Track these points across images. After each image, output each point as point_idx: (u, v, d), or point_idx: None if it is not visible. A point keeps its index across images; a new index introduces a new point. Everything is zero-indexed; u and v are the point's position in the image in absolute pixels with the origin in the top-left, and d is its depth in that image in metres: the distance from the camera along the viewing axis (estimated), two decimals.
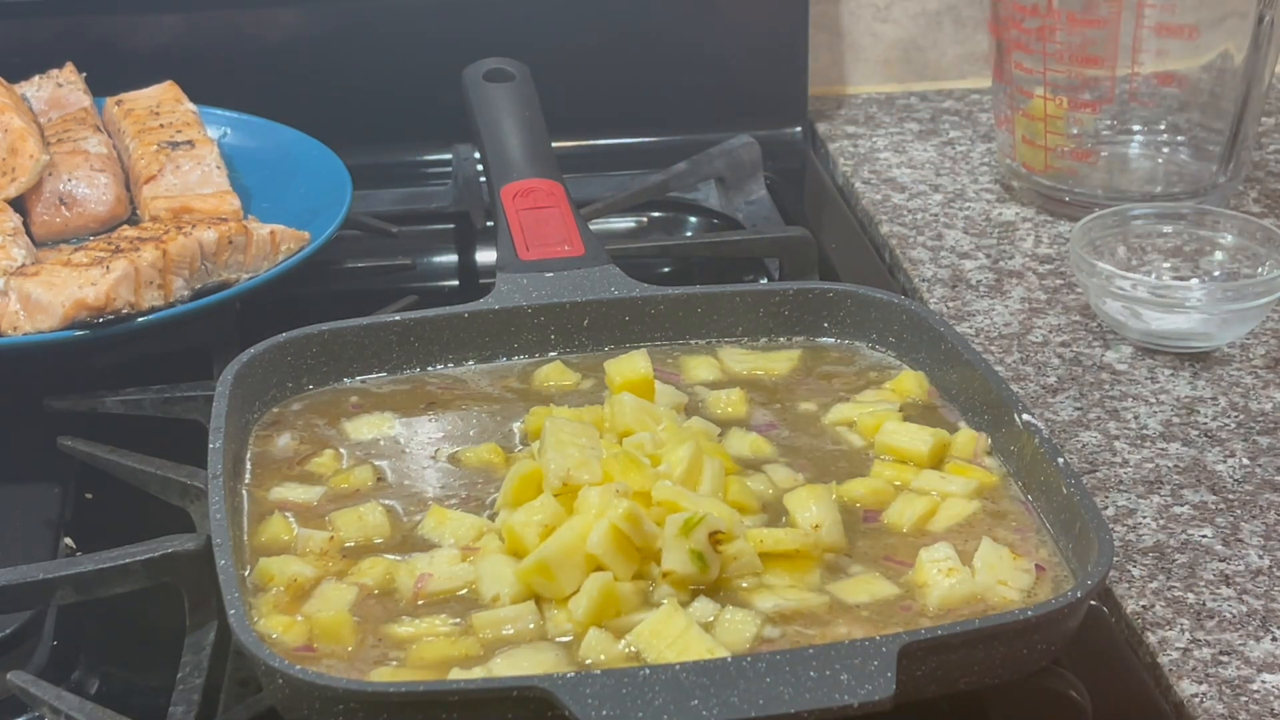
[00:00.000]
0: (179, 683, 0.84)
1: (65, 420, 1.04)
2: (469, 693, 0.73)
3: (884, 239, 1.34)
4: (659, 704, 0.71)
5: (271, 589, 0.83)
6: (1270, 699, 0.84)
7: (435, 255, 1.34)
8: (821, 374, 1.02)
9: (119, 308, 1.05)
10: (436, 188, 1.42)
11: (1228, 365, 1.14)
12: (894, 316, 1.03)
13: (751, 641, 0.79)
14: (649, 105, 1.50)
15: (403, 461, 0.94)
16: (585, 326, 1.03)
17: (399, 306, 1.08)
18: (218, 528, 0.82)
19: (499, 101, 1.22)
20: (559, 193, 1.13)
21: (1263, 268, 1.16)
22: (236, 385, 0.94)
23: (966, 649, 0.77)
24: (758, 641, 0.79)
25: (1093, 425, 1.08)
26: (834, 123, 1.56)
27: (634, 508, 0.81)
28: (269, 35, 1.44)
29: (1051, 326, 1.19)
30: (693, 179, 1.39)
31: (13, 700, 0.83)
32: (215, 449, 0.88)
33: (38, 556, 0.91)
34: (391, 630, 0.81)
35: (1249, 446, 1.05)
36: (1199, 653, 0.87)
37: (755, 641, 0.79)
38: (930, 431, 0.93)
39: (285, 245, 1.14)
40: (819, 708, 0.71)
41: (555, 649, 0.79)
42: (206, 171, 1.23)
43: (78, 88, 1.33)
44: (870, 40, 1.61)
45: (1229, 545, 0.96)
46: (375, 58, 1.45)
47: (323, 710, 0.74)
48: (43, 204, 1.21)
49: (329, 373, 1.01)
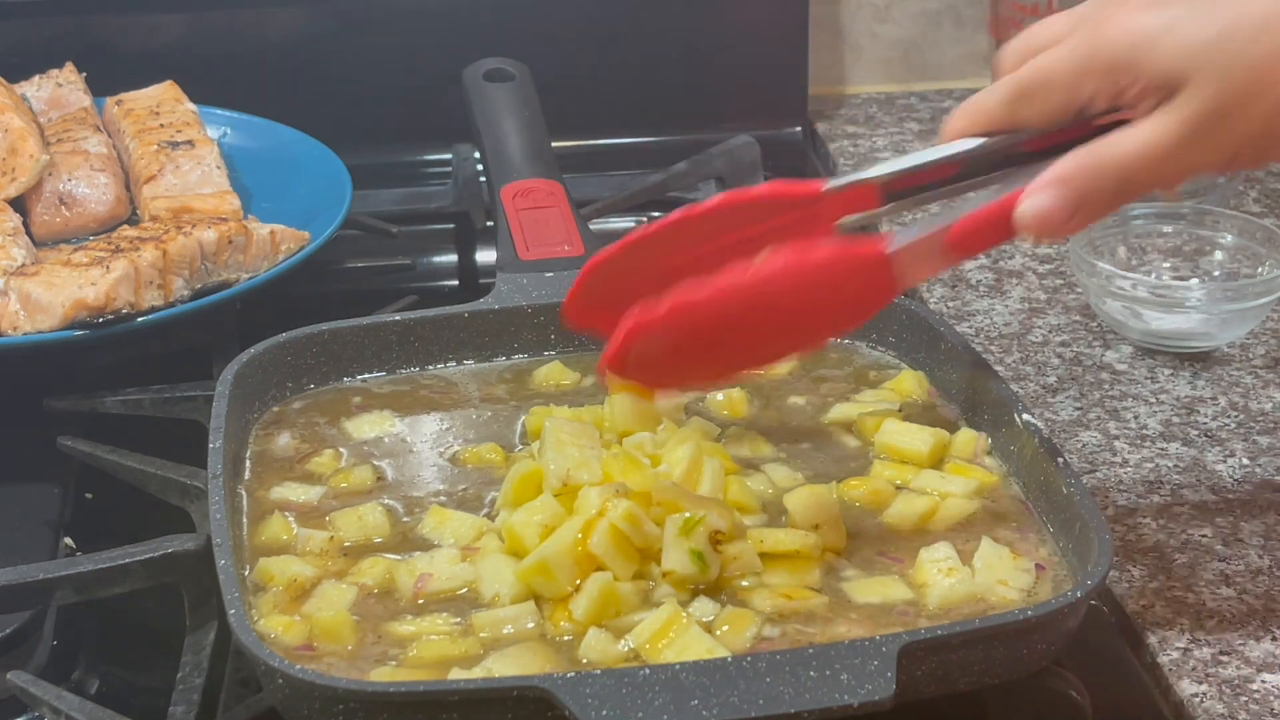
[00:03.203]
0: (179, 683, 0.84)
1: (65, 420, 1.04)
2: (469, 693, 0.73)
3: None
4: (659, 704, 0.71)
5: (271, 589, 0.83)
6: (1270, 699, 0.84)
7: (435, 255, 1.34)
8: (820, 374, 1.02)
9: (119, 308, 1.05)
10: (436, 188, 1.42)
11: (1228, 365, 1.14)
12: (894, 316, 1.03)
13: (751, 641, 0.79)
14: (649, 105, 1.50)
15: (403, 461, 0.94)
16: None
17: (399, 306, 1.08)
18: (218, 528, 0.82)
19: (499, 101, 1.22)
20: (559, 193, 1.13)
21: (1263, 268, 1.16)
22: (236, 385, 0.94)
23: (966, 649, 0.77)
24: (757, 641, 0.79)
25: (1093, 425, 1.08)
26: (834, 123, 1.56)
27: (633, 508, 0.81)
28: (269, 35, 1.45)
29: (1051, 326, 1.19)
30: (693, 179, 1.39)
31: (13, 700, 0.83)
32: (215, 449, 0.88)
33: (38, 556, 0.91)
34: (392, 629, 0.81)
35: (1249, 446, 1.05)
36: (1199, 653, 0.87)
37: (755, 641, 0.79)
38: (930, 431, 0.93)
39: (285, 245, 1.14)
40: (819, 708, 0.71)
41: (555, 648, 0.79)
42: (206, 171, 1.23)
43: (78, 88, 1.33)
44: (870, 40, 1.61)
45: (1229, 545, 0.96)
46: (375, 58, 1.44)
47: (323, 710, 0.74)
48: (43, 204, 1.21)
49: (329, 373, 1.01)
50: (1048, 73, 0.80)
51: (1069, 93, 0.79)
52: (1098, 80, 0.78)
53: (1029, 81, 0.80)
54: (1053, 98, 0.80)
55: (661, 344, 0.81)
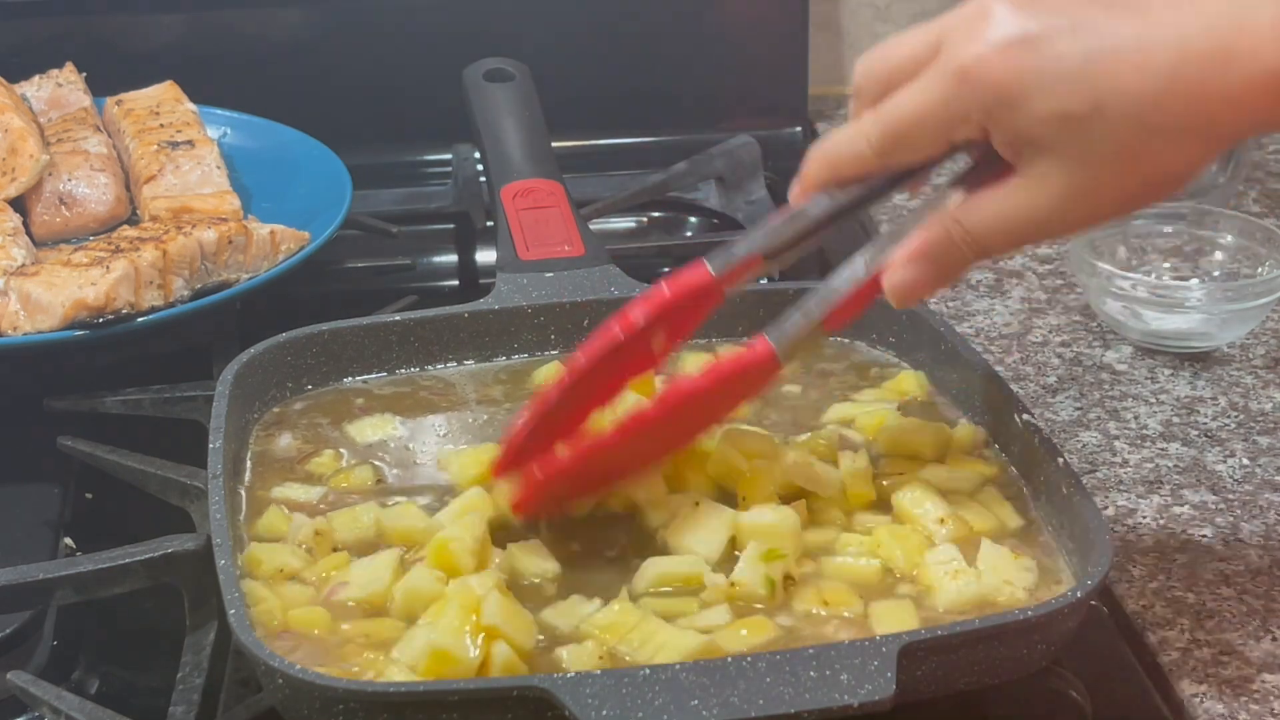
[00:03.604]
0: (179, 683, 0.84)
1: (65, 420, 1.04)
2: (469, 693, 0.73)
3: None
4: (659, 704, 0.71)
5: (259, 577, 0.84)
6: (1270, 699, 0.84)
7: (435, 255, 1.34)
8: (820, 371, 1.02)
9: (119, 308, 1.05)
10: (436, 188, 1.42)
11: (1228, 365, 1.14)
12: (894, 316, 1.02)
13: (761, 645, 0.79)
14: (649, 105, 1.50)
15: (402, 461, 0.94)
16: (585, 326, 1.03)
17: (399, 306, 1.08)
18: (218, 528, 0.82)
19: (499, 101, 1.22)
20: (559, 193, 1.13)
21: (1263, 268, 1.16)
22: (236, 385, 0.94)
23: (966, 649, 0.77)
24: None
25: (1093, 425, 1.08)
26: (834, 123, 1.56)
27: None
28: (269, 35, 1.44)
29: (1051, 326, 1.19)
30: (693, 179, 1.39)
31: (13, 700, 0.83)
32: (215, 449, 0.88)
33: (38, 556, 0.91)
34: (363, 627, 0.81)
35: (1249, 446, 1.05)
36: (1199, 653, 0.87)
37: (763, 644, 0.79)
38: (932, 427, 0.93)
39: (285, 245, 1.14)
40: (819, 708, 0.71)
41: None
42: (206, 171, 1.23)
43: (78, 88, 1.33)
44: (870, 40, 1.61)
45: (1229, 545, 0.96)
46: (375, 58, 1.44)
47: (323, 710, 0.74)
48: (43, 204, 1.21)
49: (329, 373, 1.01)
50: (918, 118, 0.77)
51: (940, 139, 0.77)
52: (970, 129, 0.76)
53: (899, 128, 0.78)
54: (924, 143, 0.78)
55: (567, 483, 0.86)
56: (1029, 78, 0.73)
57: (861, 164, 0.81)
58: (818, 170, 0.83)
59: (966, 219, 0.78)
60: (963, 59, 0.75)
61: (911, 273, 0.81)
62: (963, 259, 0.79)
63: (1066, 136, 0.74)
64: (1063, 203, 0.75)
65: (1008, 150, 0.76)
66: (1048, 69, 0.73)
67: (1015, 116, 0.74)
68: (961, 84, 0.75)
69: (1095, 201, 0.76)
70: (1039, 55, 0.73)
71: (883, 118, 0.79)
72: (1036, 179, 0.75)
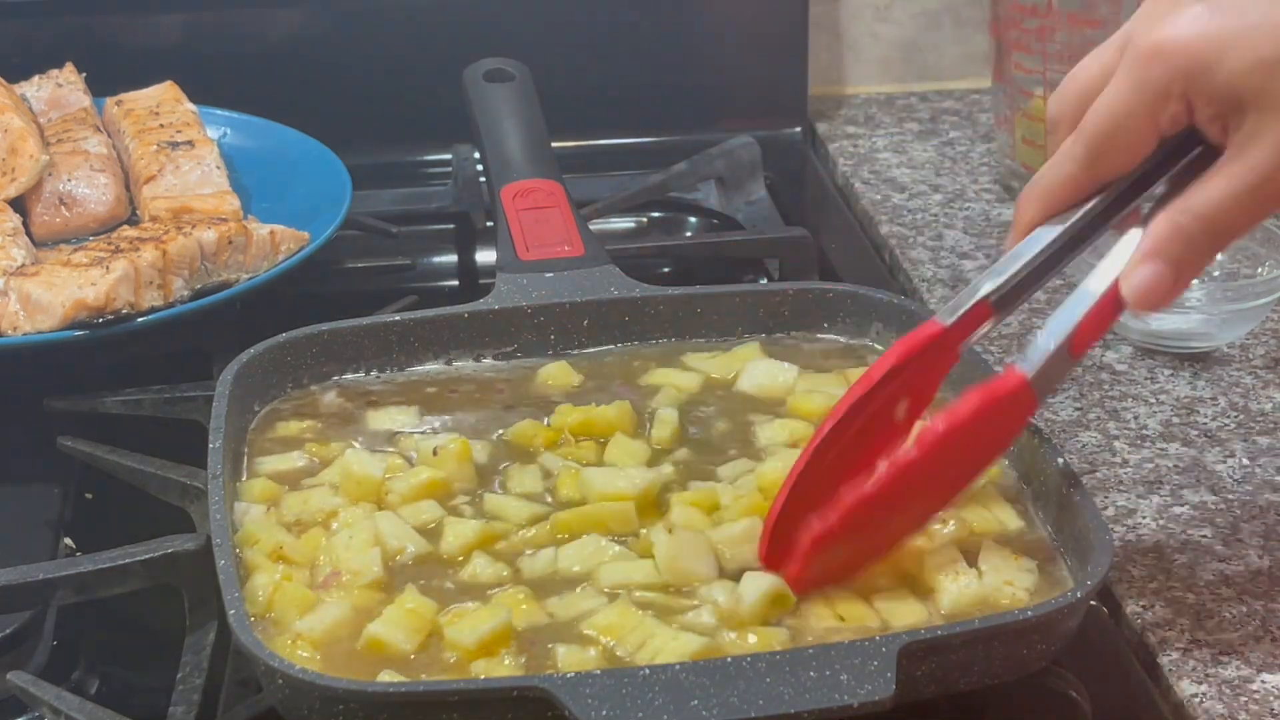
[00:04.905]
0: (179, 683, 0.84)
1: (65, 420, 1.04)
2: (469, 693, 0.73)
3: (884, 239, 1.34)
4: (659, 704, 0.71)
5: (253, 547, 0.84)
6: (1270, 699, 0.84)
7: (435, 255, 1.34)
8: (817, 368, 1.02)
9: (119, 308, 1.05)
10: (436, 188, 1.42)
11: (1228, 365, 1.14)
12: (894, 316, 1.03)
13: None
14: (649, 105, 1.50)
15: (401, 461, 0.94)
16: (585, 326, 1.03)
17: (399, 306, 1.08)
18: (218, 528, 0.82)
19: (499, 101, 1.22)
20: (559, 193, 1.13)
21: (1263, 268, 1.16)
22: (236, 385, 0.94)
23: (966, 649, 0.77)
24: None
25: (1093, 425, 1.08)
26: (834, 123, 1.56)
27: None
28: (269, 35, 1.45)
29: None
30: (693, 179, 1.39)
31: (13, 700, 0.83)
32: (215, 449, 0.88)
33: (38, 556, 0.91)
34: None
35: (1249, 446, 1.05)
36: (1199, 653, 0.87)
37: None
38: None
39: (285, 245, 1.14)
40: (819, 708, 0.71)
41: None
42: (206, 171, 1.23)
43: (78, 88, 1.33)
44: (870, 40, 1.61)
45: (1229, 545, 0.96)
46: (375, 58, 1.45)
47: (323, 710, 0.74)
48: (43, 204, 1.21)
49: (329, 372, 1.01)
50: (1119, 116, 0.77)
51: (1147, 129, 0.77)
52: (1174, 106, 0.76)
53: (1101, 133, 0.78)
54: (1133, 141, 0.78)
55: (838, 547, 0.82)
56: (1220, 35, 0.75)
57: (1072, 185, 0.80)
58: (1028, 206, 0.82)
59: (1192, 205, 0.77)
60: (1152, 39, 0.76)
61: (1148, 272, 0.79)
62: (1197, 249, 0.78)
63: (1269, 84, 0.74)
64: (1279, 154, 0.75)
65: (1214, 123, 0.76)
66: (1234, 26, 0.74)
67: (1214, 76, 0.75)
68: (1154, 60, 0.76)
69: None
70: (1224, 16, 0.75)
71: (1085, 128, 0.79)
72: (1249, 139, 0.75)
